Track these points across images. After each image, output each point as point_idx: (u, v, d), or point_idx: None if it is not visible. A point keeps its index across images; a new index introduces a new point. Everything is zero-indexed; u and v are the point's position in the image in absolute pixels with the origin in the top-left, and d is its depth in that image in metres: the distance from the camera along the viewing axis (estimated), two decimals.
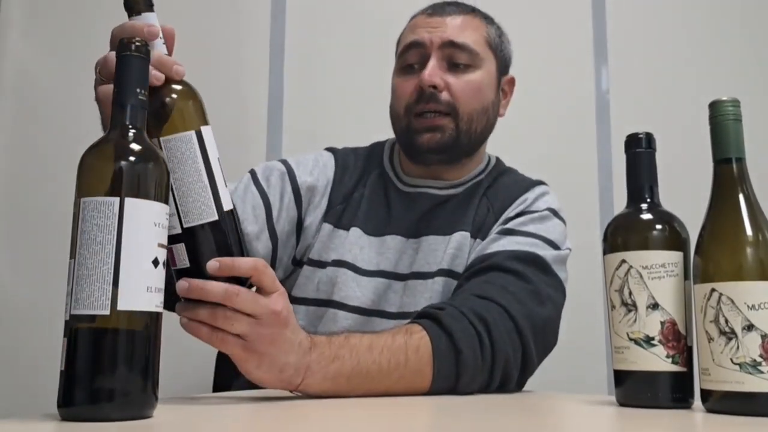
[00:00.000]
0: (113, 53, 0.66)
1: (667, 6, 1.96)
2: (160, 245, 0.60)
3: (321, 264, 1.11)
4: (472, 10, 1.15)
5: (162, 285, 0.61)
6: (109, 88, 0.65)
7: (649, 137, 0.81)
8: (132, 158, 0.60)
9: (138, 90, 0.62)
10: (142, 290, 0.58)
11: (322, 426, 0.63)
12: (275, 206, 1.11)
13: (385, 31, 1.84)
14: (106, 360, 0.56)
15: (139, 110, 0.62)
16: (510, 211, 1.11)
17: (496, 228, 1.09)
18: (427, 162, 1.13)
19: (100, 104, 0.73)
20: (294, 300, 1.10)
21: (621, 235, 0.78)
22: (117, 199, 0.58)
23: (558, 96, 1.88)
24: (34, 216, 1.70)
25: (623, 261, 0.77)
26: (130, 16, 0.71)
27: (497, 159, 1.24)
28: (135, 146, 0.60)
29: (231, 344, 0.70)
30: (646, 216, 0.78)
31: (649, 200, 0.79)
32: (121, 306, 0.57)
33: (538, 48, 1.91)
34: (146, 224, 0.59)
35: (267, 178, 1.13)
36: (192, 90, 0.72)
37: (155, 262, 0.59)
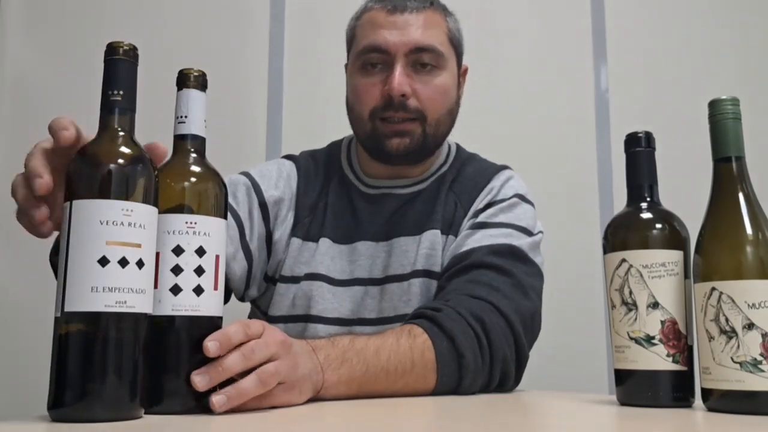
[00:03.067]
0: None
1: (666, 5, 1.96)
2: (112, 243, 0.59)
3: (294, 279, 1.09)
4: (432, 3, 1.11)
5: (124, 283, 0.59)
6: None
7: (649, 136, 0.81)
8: (92, 161, 0.61)
9: (122, 92, 0.63)
10: (85, 290, 0.58)
11: (322, 426, 0.63)
12: (246, 224, 1.10)
13: None
14: (68, 362, 0.57)
15: (128, 113, 0.64)
16: (478, 203, 1.10)
17: (468, 222, 1.08)
18: (393, 164, 1.12)
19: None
20: (272, 319, 1.10)
21: (621, 235, 0.78)
22: (68, 204, 0.60)
23: (557, 95, 1.88)
24: None
25: (623, 260, 0.77)
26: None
27: (457, 146, 1.22)
28: (92, 148, 0.62)
29: (279, 396, 0.70)
30: (646, 215, 0.78)
31: (649, 199, 0.79)
32: (67, 307, 0.58)
33: (537, 48, 1.91)
34: (91, 223, 0.59)
35: (233, 194, 1.11)
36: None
37: (103, 261, 0.58)
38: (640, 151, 0.81)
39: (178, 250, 0.65)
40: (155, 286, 0.64)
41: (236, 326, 0.67)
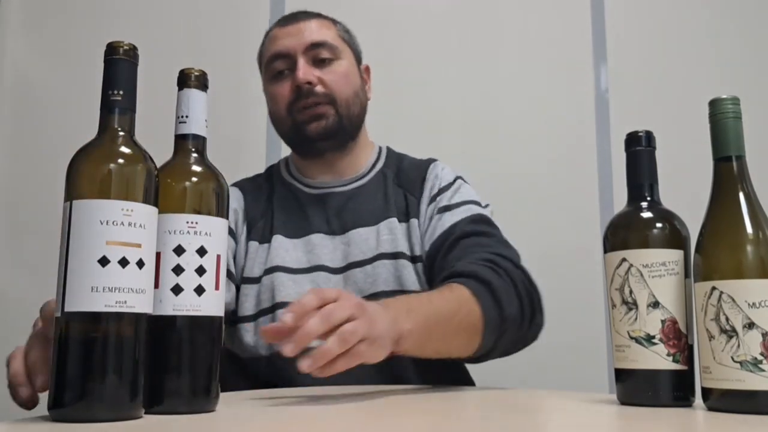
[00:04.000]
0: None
1: (665, 5, 1.96)
2: (113, 243, 0.59)
3: (255, 279, 1.15)
4: (319, 15, 1.23)
5: (124, 283, 0.59)
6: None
7: (649, 135, 0.81)
8: (94, 161, 0.61)
9: (122, 92, 0.63)
10: (86, 290, 0.58)
11: (323, 426, 0.63)
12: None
13: (383, 32, 1.84)
14: (68, 362, 0.57)
15: (128, 113, 0.64)
16: (429, 191, 1.19)
17: (428, 208, 1.17)
18: (320, 151, 1.20)
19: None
20: (241, 320, 1.13)
21: (621, 234, 0.78)
22: (68, 203, 0.60)
23: (557, 95, 1.88)
24: (32, 217, 1.70)
25: (624, 259, 0.77)
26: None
27: (387, 148, 1.30)
28: (92, 147, 0.62)
29: (362, 352, 0.74)
30: (647, 214, 0.78)
31: (649, 198, 0.79)
32: (67, 307, 0.58)
33: (537, 48, 1.91)
34: (91, 223, 0.59)
35: None
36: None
37: (103, 261, 0.59)
38: (640, 151, 0.80)
39: (179, 250, 0.65)
40: (156, 286, 0.64)
41: (309, 295, 0.73)
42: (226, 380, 0.97)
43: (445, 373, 1.10)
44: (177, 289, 0.64)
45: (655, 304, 0.74)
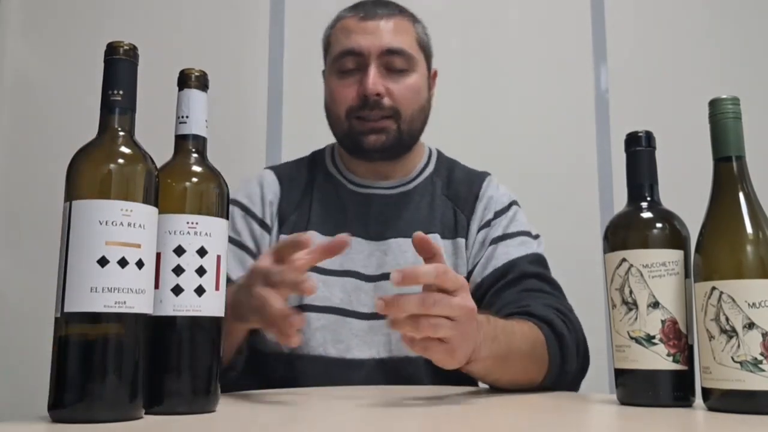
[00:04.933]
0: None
1: (666, 5, 1.96)
2: (112, 243, 0.59)
3: None
4: (401, 11, 1.17)
5: (124, 283, 0.59)
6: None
7: (649, 135, 0.81)
8: (93, 161, 0.61)
9: (122, 92, 0.63)
10: (85, 291, 0.58)
11: (323, 427, 0.63)
12: (251, 251, 1.12)
13: None
14: (68, 362, 0.57)
15: (128, 113, 0.63)
16: (483, 213, 1.16)
17: (481, 234, 1.14)
18: (371, 159, 1.16)
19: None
20: None
21: (621, 234, 0.78)
22: (68, 204, 0.60)
23: (557, 96, 1.88)
24: (32, 217, 1.70)
25: (624, 260, 0.77)
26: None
27: (438, 151, 1.26)
28: (92, 147, 0.62)
29: (434, 350, 0.73)
30: (647, 214, 0.78)
31: (649, 199, 0.79)
32: (67, 308, 0.58)
33: (537, 48, 1.91)
34: (91, 224, 0.59)
35: (233, 228, 1.13)
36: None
37: (102, 261, 0.59)
38: (640, 151, 0.80)
39: (179, 251, 0.65)
40: (156, 287, 0.64)
41: (431, 267, 0.72)
42: (239, 377, 0.97)
43: (453, 373, 1.10)
44: (177, 290, 0.64)
45: (655, 305, 0.74)
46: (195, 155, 0.69)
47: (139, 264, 0.60)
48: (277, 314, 0.74)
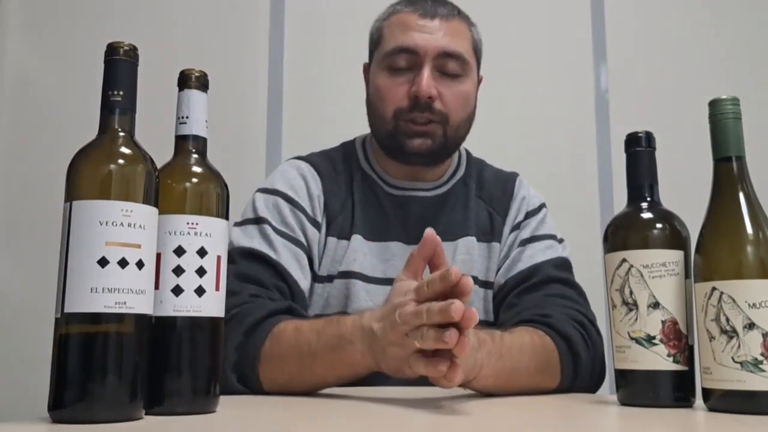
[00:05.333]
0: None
1: (665, 5, 1.96)
2: (112, 243, 0.59)
3: (329, 278, 1.08)
4: (459, 13, 1.14)
5: (124, 284, 0.59)
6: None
7: (649, 136, 0.81)
8: (94, 161, 0.61)
9: (122, 93, 0.63)
10: (85, 291, 0.58)
11: (323, 427, 0.63)
12: (306, 248, 1.07)
13: None
14: (68, 363, 0.57)
15: (128, 113, 0.64)
16: (516, 213, 1.16)
17: (511, 237, 1.14)
18: (410, 163, 1.12)
19: None
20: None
21: (621, 234, 0.78)
22: (68, 204, 0.60)
23: (557, 96, 1.88)
24: (32, 217, 1.70)
25: (624, 260, 0.77)
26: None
27: (467, 152, 1.24)
28: (91, 148, 0.62)
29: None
30: (647, 215, 0.78)
31: (649, 199, 0.79)
32: (67, 308, 0.58)
33: (537, 48, 1.91)
34: (91, 224, 0.59)
35: (282, 221, 1.06)
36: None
37: (102, 262, 0.58)
38: (640, 151, 0.80)
39: (179, 251, 0.65)
40: (157, 287, 0.64)
41: (469, 281, 0.69)
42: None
43: None
44: (177, 290, 0.64)
45: (656, 305, 0.74)
46: (195, 156, 0.69)
47: (140, 264, 0.60)
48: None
